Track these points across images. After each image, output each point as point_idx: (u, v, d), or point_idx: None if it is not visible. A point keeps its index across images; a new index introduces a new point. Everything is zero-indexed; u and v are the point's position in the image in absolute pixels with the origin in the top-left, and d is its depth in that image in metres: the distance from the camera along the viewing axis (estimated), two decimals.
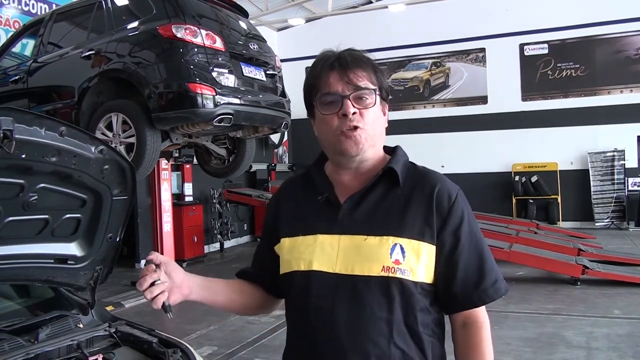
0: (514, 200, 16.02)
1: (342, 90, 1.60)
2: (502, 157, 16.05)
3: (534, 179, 15.79)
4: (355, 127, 1.58)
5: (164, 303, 1.58)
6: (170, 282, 1.61)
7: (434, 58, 17.15)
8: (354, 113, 1.58)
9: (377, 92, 1.63)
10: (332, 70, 1.63)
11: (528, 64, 16.15)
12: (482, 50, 16.58)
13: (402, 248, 1.55)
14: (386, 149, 1.75)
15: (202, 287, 1.72)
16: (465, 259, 1.59)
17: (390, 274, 1.54)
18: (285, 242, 1.70)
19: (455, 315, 1.64)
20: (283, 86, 6.69)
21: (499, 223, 12.28)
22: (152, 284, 1.58)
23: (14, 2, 10.05)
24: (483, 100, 16.54)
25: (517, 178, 15.97)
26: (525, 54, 16.16)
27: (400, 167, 1.65)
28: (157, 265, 1.61)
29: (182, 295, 1.64)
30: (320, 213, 1.66)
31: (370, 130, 1.61)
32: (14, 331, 2.64)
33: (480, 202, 14.75)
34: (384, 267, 1.54)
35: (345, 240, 1.60)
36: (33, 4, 10.37)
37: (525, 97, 16.13)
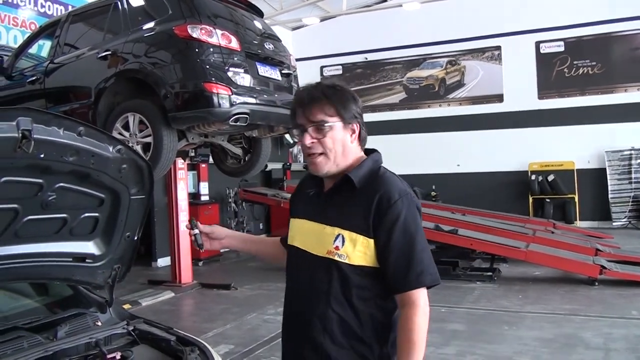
0: (530, 200, 15.91)
1: (303, 124, 2.07)
2: (518, 155, 15.92)
3: (550, 177, 15.66)
4: (314, 154, 2.06)
5: (196, 240, 2.39)
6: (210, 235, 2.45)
7: (449, 56, 17.08)
8: (312, 142, 2.05)
9: (336, 121, 2.04)
10: (297, 106, 2.10)
11: (544, 61, 16.03)
12: (498, 48, 16.48)
13: (343, 238, 2.02)
14: (368, 151, 2.18)
15: (239, 240, 2.55)
16: (396, 252, 1.98)
17: (331, 257, 2.03)
18: (291, 221, 2.29)
19: (396, 297, 2.02)
20: (298, 85, 6.69)
21: (516, 222, 12.20)
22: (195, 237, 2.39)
23: (30, 3, 10.14)
24: (499, 98, 16.44)
25: (533, 177, 15.84)
26: (541, 51, 16.03)
27: (361, 173, 2.07)
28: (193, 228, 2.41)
29: (220, 244, 2.48)
30: (309, 203, 2.20)
31: (331, 153, 2.06)
32: (32, 329, 2.66)
33: (497, 201, 14.69)
34: (328, 250, 2.04)
35: (315, 226, 2.12)
36: (49, 6, 10.47)
37: (542, 95, 16.01)
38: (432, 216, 11.15)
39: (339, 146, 2.06)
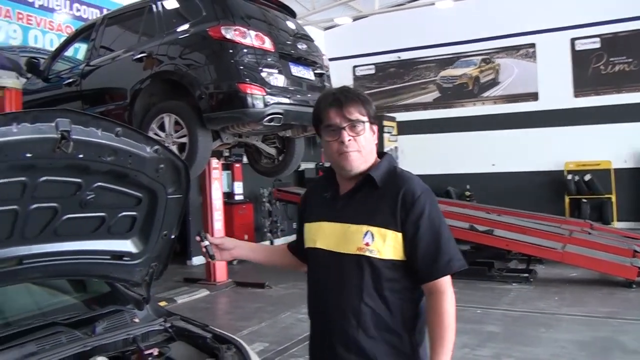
0: (566, 200, 15.62)
1: (340, 122, 2.16)
2: (554, 155, 15.66)
3: (587, 177, 15.36)
4: (350, 151, 2.15)
5: (208, 252, 2.43)
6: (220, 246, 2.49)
7: (483, 54, 16.89)
8: (349, 140, 2.15)
9: (367, 121, 2.17)
10: (331, 107, 2.17)
11: (579, 58, 15.73)
12: (532, 45, 16.24)
13: (372, 234, 2.11)
14: (380, 154, 2.29)
15: (248, 250, 2.61)
16: (424, 243, 2.08)
17: (361, 253, 2.11)
18: (306, 226, 2.36)
19: (423, 286, 2.13)
20: (331, 85, 6.71)
21: (552, 223, 11.98)
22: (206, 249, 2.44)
23: (65, 7, 10.33)
24: (534, 97, 16.20)
25: (569, 177, 15.54)
26: (577, 48, 15.74)
27: (380, 172, 2.18)
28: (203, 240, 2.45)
29: (230, 255, 2.53)
30: (326, 206, 2.28)
31: (363, 150, 2.17)
32: (71, 324, 2.72)
33: (532, 201, 14.46)
34: (358, 247, 2.12)
35: (337, 227, 2.20)
36: (84, 9, 10.64)
37: (578, 93, 15.73)
38: (467, 216, 11.04)
39: (369, 145, 2.19)
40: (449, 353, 2.07)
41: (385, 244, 2.10)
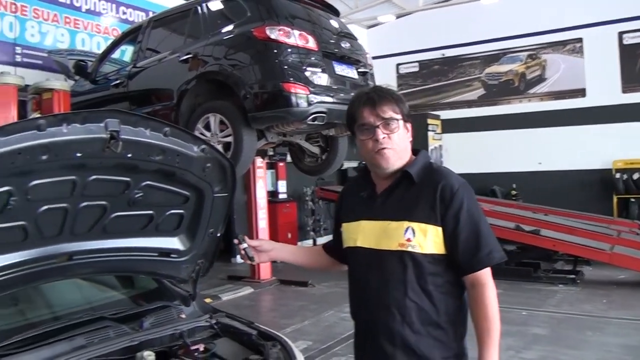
0: (614, 199, 15.16)
1: (374, 121, 2.19)
2: (602, 153, 15.22)
3: (636, 176, 14.88)
4: (385, 148, 2.18)
5: (247, 254, 2.47)
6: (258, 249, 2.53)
7: (529, 50, 16.54)
8: (383, 137, 2.17)
9: (400, 119, 2.20)
10: (365, 107, 2.21)
11: (628, 53, 15.23)
12: (579, 40, 15.82)
13: (413, 229, 2.13)
14: (415, 151, 2.30)
15: (285, 252, 2.67)
16: (464, 236, 2.11)
17: (403, 249, 2.13)
18: (344, 226, 2.39)
19: (465, 278, 2.16)
20: (375, 83, 6.69)
21: (599, 223, 11.70)
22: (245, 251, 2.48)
23: (111, 10, 10.54)
24: (581, 93, 15.80)
25: (618, 175, 15.07)
26: (624, 42, 15.30)
27: (417, 169, 2.21)
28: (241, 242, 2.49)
29: (268, 256, 2.57)
30: (364, 205, 2.30)
31: (397, 147, 2.20)
32: (119, 319, 2.78)
33: (579, 200, 14.12)
34: (399, 243, 2.14)
35: (377, 224, 2.22)
36: (130, 12, 10.83)
37: (626, 88, 15.26)
38: (513, 216, 10.90)
39: (403, 142, 2.23)
40: (497, 345, 2.10)
41: (426, 239, 2.13)
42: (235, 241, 2.51)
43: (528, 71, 16.56)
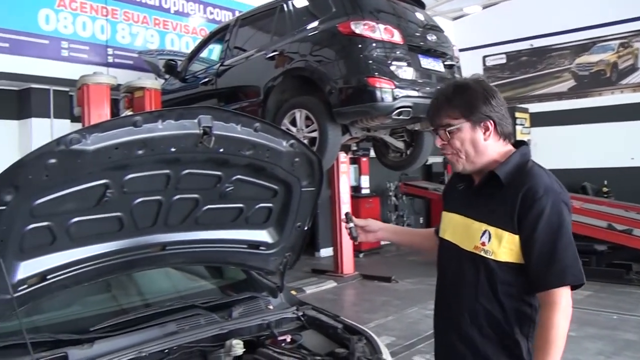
0: None
1: (434, 127, 2.21)
2: None
3: None
4: (446, 154, 2.18)
5: (352, 233, 2.55)
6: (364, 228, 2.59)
7: (621, 38, 15.78)
8: (442, 144, 2.17)
9: (459, 123, 2.10)
10: (428, 113, 2.24)
11: None
12: None
13: (489, 234, 2.05)
14: (518, 143, 2.21)
15: (392, 232, 2.68)
16: (538, 247, 1.97)
17: (477, 252, 2.08)
18: (443, 214, 2.34)
19: (537, 295, 2.02)
20: (461, 76, 6.59)
21: None
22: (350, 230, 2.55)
23: (199, 11, 10.83)
24: None
25: None
26: None
27: (507, 169, 2.08)
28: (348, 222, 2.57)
29: (375, 236, 2.61)
30: (459, 198, 2.27)
31: (462, 153, 2.13)
32: (209, 308, 2.88)
33: None
34: (475, 246, 2.09)
35: (464, 221, 2.18)
36: (217, 12, 11.09)
37: None
38: (604, 214, 10.46)
39: (469, 146, 2.12)
40: None
41: (500, 246, 2.03)
42: (343, 219, 2.58)
43: (620, 60, 15.77)
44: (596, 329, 6.49)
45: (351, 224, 2.56)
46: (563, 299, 1.95)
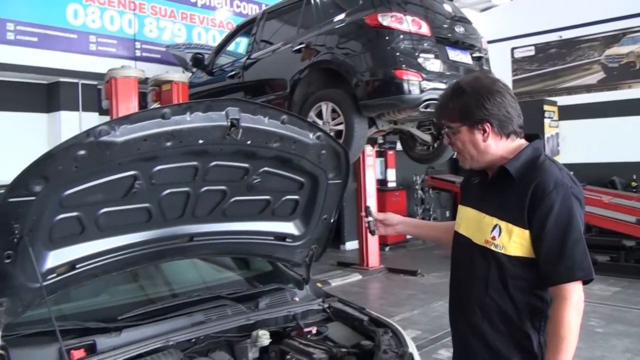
0: None
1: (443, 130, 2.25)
2: None
3: None
4: (455, 151, 2.25)
5: (370, 226, 2.59)
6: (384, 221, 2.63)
7: None
8: (448, 142, 2.24)
9: (460, 126, 2.13)
10: (433, 115, 2.33)
11: None
12: None
13: (500, 228, 2.07)
14: (531, 137, 2.19)
15: (411, 226, 2.70)
16: (547, 242, 1.97)
17: (488, 246, 2.10)
18: (459, 208, 2.35)
19: (549, 289, 2.03)
20: (489, 68, 6.53)
21: None
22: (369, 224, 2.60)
23: (226, 4, 10.88)
24: None
25: None
26: None
27: (518, 164, 2.08)
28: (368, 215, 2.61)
29: (394, 230, 2.64)
30: (473, 191, 2.29)
31: (465, 153, 2.18)
32: (235, 299, 2.90)
33: None
34: (485, 240, 2.11)
35: (476, 214, 2.19)
36: (244, 6, 11.15)
37: None
38: (633, 209, 10.28)
39: (470, 147, 2.16)
40: None
41: (511, 240, 2.04)
42: (362, 213, 2.62)
43: None
44: (624, 326, 6.39)
45: (370, 218, 2.59)
46: (574, 294, 1.96)
